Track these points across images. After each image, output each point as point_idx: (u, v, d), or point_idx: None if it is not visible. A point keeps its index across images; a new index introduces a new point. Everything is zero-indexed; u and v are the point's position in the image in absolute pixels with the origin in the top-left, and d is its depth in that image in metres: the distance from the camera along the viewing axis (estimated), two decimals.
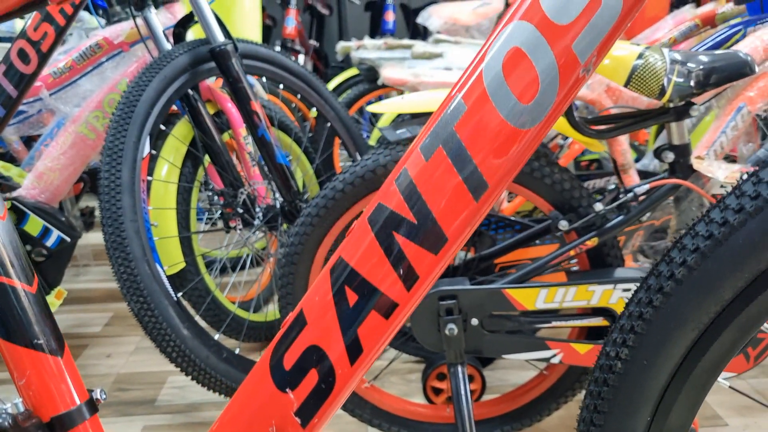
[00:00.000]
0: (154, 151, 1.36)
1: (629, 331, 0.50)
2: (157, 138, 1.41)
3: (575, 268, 1.13)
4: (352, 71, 2.81)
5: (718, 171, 1.01)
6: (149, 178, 1.35)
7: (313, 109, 1.78)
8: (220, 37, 1.38)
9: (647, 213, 1.05)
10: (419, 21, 2.64)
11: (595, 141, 1.11)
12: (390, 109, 1.10)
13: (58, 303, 1.44)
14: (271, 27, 4.18)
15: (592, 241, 1.04)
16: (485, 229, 1.27)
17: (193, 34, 1.50)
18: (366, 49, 2.53)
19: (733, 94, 1.39)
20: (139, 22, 1.43)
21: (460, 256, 1.20)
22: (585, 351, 1.05)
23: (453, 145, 0.40)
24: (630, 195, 1.04)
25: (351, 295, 0.42)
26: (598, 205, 1.04)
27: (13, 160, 1.82)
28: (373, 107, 1.11)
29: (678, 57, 0.96)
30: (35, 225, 1.43)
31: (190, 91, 1.41)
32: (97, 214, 1.69)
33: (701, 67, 0.96)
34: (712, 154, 1.38)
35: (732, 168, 1.03)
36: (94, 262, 2.32)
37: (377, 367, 1.49)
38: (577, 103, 1.59)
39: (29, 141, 1.91)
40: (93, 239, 2.14)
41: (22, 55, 1.24)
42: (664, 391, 0.50)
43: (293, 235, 1.11)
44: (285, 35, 3.60)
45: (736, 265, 0.45)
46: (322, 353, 0.43)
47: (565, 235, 1.08)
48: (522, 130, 0.39)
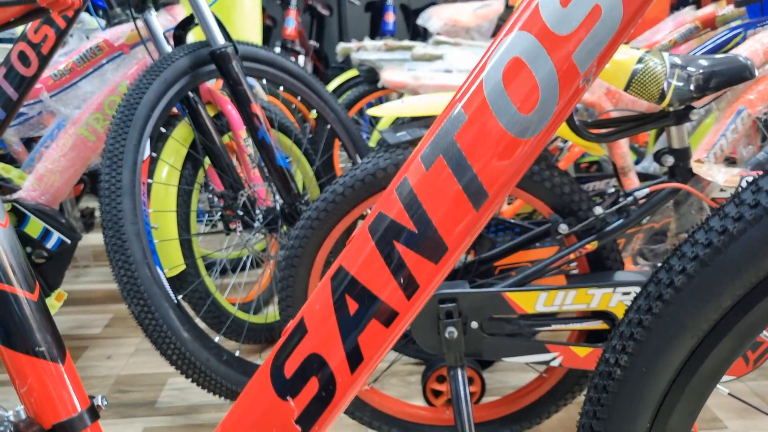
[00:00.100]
0: (154, 153, 1.36)
1: (629, 338, 0.50)
2: (157, 140, 1.42)
3: (575, 271, 1.13)
4: (352, 72, 2.81)
5: (717, 175, 1.01)
6: (149, 180, 1.35)
7: (313, 110, 1.78)
8: (221, 39, 1.38)
9: (647, 216, 1.06)
10: (419, 22, 2.63)
11: (595, 144, 1.11)
12: (390, 112, 1.10)
13: (59, 305, 1.45)
14: (271, 27, 4.18)
15: (592, 245, 1.05)
16: (485, 231, 1.27)
17: (193, 36, 1.50)
18: (366, 50, 2.53)
19: (733, 97, 1.39)
20: (140, 24, 1.43)
21: (460, 258, 1.20)
22: (584, 354, 1.05)
23: (453, 155, 0.40)
24: (630, 199, 1.04)
25: (351, 304, 0.42)
26: (598, 209, 1.04)
27: (13, 162, 1.82)
28: (373, 111, 1.11)
29: (678, 61, 0.96)
30: (36, 227, 1.43)
31: (190, 93, 1.41)
32: (97, 215, 1.69)
33: (701, 71, 0.96)
34: (712, 156, 1.38)
35: (731, 172, 1.04)
36: (95, 263, 2.32)
37: (377, 369, 1.49)
38: (577, 106, 1.59)
39: (29, 142, 1.90)
40: (93, 240, 2.14)
41: (23, 57, 1.24)
42: (663, 397, 0.50)
43: (293, 238, 1.11)
44: (285, 36, 3.60)
45: (736, 273, 0.45)
46: (322, 361, 0.43)
47: (564, 239, 1.09)
48: (522, 139, 0.39)
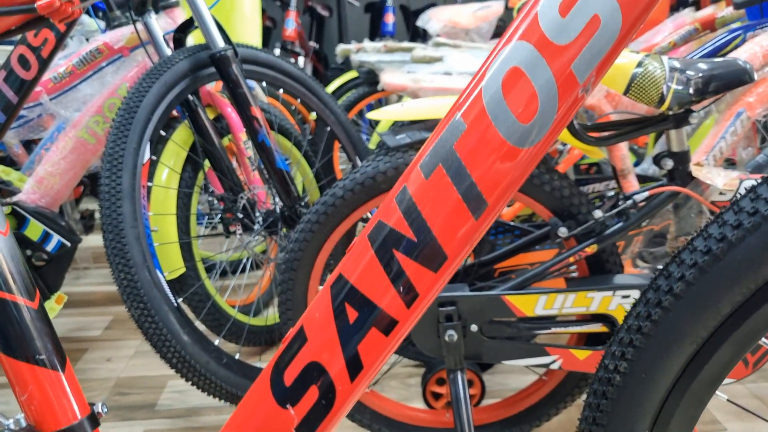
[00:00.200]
0: (154, 156, 1.36)
1: (628, 344, 0.50)
2: (157, 143, 1.42)
3: (574, 274, 1.14)
4: (352, 74, 2.81)
5: (717, 178, 1.01)
6: (149, 183, 1.35)
7: (313, 112, 1.78)
8: (220, 42, 1.38)
9: (646, 219, 1.06)
10: (419, 24, 2.63)
11: (595, 148, 1.11)
12: (389, 116, 1.10)
13: (59, 308, 1.45)
14: (270, 29, 4.18)
15: (592, 248, 1.05)
16: (485, 234, 1.27)
17: (193, 39, 1.50)
18: (366, 51, 2.53)
19: (733, 99, 1.39)
20: (139, 27, 1.44)
21: None
22: (584, 357, 1.05)
23: (452, 164, 0.40)
24: (629, 202, 1.04)
25: (351, 312, 0.42)
26: (598, 212, 1.04)
27: (13, 164, 1.82)
28: (373, 114, 1.11)
29: (677, 65, 0.96)
30: (35, 230, 1.43)
31: (190, 96, 1.41)
32: (97, 217, 1.69)
33: (700, 74, 0.96)
34: (711, 159, 1.38)
35: (730, 175, 1.04)
36: (94, 265, 2.32)
37: None
38: None
39: (29, 144, 1.90)
40: (93, 242, 2.13)
41: (23, 61, 1.24)
42: (662, 404, 0.50)
43: (293, 241, 1.11)
44: (285, 37, 3.60)
45: (735, 280, 0.45)
46: (322, 370, 0.43)
47: (564, 242, 1.09)
48: (521, 149, 0.39)
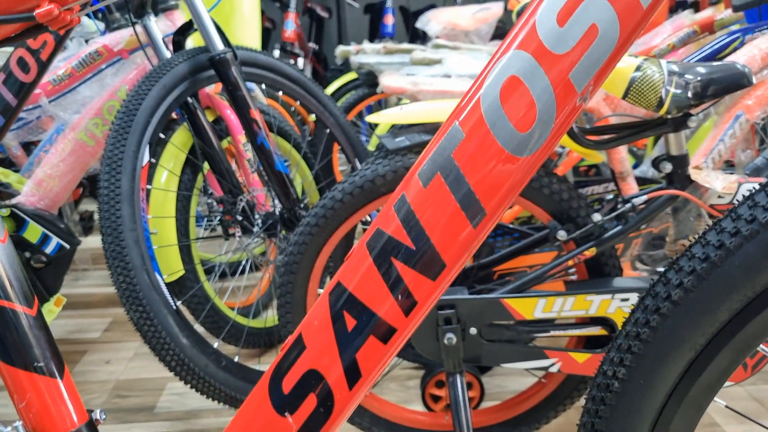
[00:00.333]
0: (153, 159, 1.36)
1: (626, 350, 0.51)
2: (156, 145, 1.42)
3: (573, 277, 1.14)
4: (351, 75, 2.81)
5: (715, 181, 1.02)
6: (148, 186, 1.35)
7: (313, 114, 1.78)
8: (220, 45, 1.38)
9: (645, 223, 1.06)
10: (418, 26, 2.63)
11: (593, 151, 1.11)
12: (389, 120, 1.10)
13: (58, 310, 1.44)
14: (270, 30, 4.18)
15: (591, 251, 1.05)
16: None
17: (192, 41, 1.50)
18: (365, 53, 2.53)
19: (732, 102, 1.39)
20: (139, 29, 1.44)
21: None
22: (583, 360, 1.05)
23: (451, 172, 0.40)
24: (628, 205, 1.04)
25: (349, 320, 0.42)
26: (597, 216, 1.04)
27: (12, 165, 1.82)
28: (372, 118, 1.11)
29: (675, 68, 0.96)
30: (34, 232, 1.43)
31: (189, 98, 1.41)
32: (96, 218, 1.69)
33: (699, 78, 0.96)
34: (710, 162, 1.38)
35: (729, 178, 1.04)
36: (93, 266, 2.32)
37: None
38: None
39: (28, 146, 1.90)
40: (92, 244, 2.13)
41: (22, 63, 1.24)
42: (661, 410, 0.50)
43: (292, 244, 1.11)
44: (284, 38, 3.60)
45: (733, 287, 0.45)
46: (320, 377, 0.43)
47: (563, 245, 1.09)
48: (519, 157, 0.40)
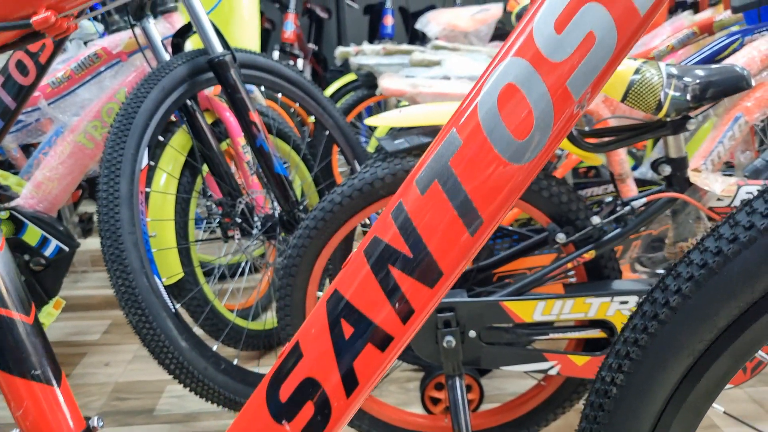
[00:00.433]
0: (152, 162, 1.36)
1: (625, 356, 0.50)
2: (155, 147, 1.41)
3: (572, 280, 1.14)
4: (351, 76, 2.81)
5: (714, 184, 1.02)
6: (147, 189, 1.35)
7: (312, 115, 1.78)
8: (219, 47, 1.38)
9: (644, 225, 1.06)
10: (418, 27, 2.63)
11: (592, 154, 1.11)
12: (387, 123, 1.10)
13: (57, 313, 1.44)
14: (269, 31, 4.18)
15: (590, 254, 1.05)
16: None
17: (191, 44, 1.50)
18: (365, 54, 2.53)
19: (731, 103, 1.39)
20: (138, 31, 1.44)
21: None
22: (582, 363, 1.05)
23: (448, 179, 0.40)
24: (627, 208, 1.04)
25: (347, 328, 0.42)
26: (596, 218, 1.04)
27: (11, 168, 1.82)
28: (371, 121, 1.11)
29: (674, 71, 0.96)
30: (33, 235, 1.43)
31: (188, 101, 1.41)
32: (95, 220, 1.69)
33: (697, 81, 0.96)
34: (710, 163, 1.38)
35: (728, 181, 1.04)
36: (93, 268, 2.32)
37: None
38: None
39: (28, 148, 1.90)
40: (91, 245, 2.13)
41: (21, 66, 1.24)
42: (659, 415, 0.50)
43: (291, 247, 1.11)
44: (284, 39, 3.60)
45: (731, 294, 0.45)
46: (317, 385, 0.43)
47: (562, 248, 1.09)
48: (516, 165, 0.39)
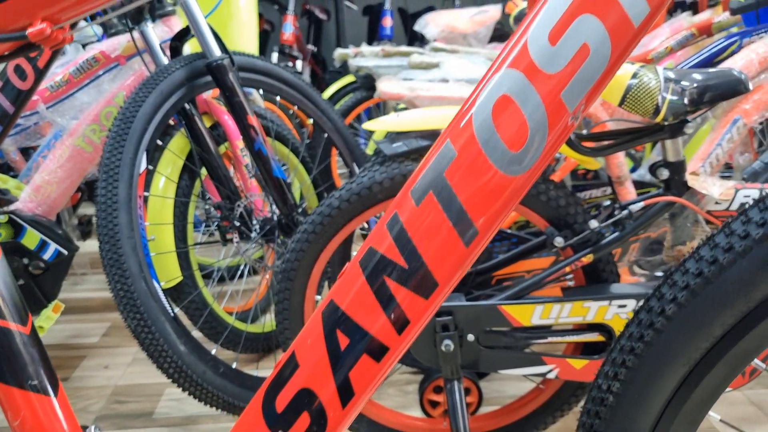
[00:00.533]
0: (150, 166, 1.36)
1: (621, 364, 0.51)
2: (154, 151, 1.42)
3: (571, 283, 1.14)
4: (350, 78, 2.81)
5: (712, 188, 1.02)
6: (146, 193, 1.35)
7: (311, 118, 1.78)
8: (217, 51, 1.38)
9: (642, 229, 1.06)
10: (416, 28, 2.63)
11: (590, 158, 1.11)
12: (385, 127, 1.11)
13: (56, 316, 1.44)
14: (268, 32, 4.18)
15: (588, 258, 1.05)
16: None
17: (190, 47, 1.50)
18: (363, 56, 2.53)
19: (729, 106, 1.39)
20: (136, 35, 1.44)
21: None
22: (581, 366, 1.05)
23: (443, 191, 0.40)
24: (625, 212, 1.04)
25: (342, 339, 0.42)
26: (594, 222, 1.04)
27: (11, 170, 1.83)
28: (369, 125, 1.12)
29: (672, 75, 0.96)
30: (32, 238, 1.43)
31: (186, 104, 1.41)
32: (95, 221, 1.69)
33: (695, 85, 0.96)
34: (708, 166, 1.38)
35: (726, 184, 1.04)
36: (92, 270, 2.32)
37: None
38: None
39: (27, 151, 1.91)
40: (90, 248, 2.13)
41: (19, 71, 1.24)
42: (656, 424, 0.50)
43: (290, 251, 1.11)
44: (283, 41, 3.59)
45: (726, 303, 0.45)
46: (313, 396, 0.43)
47: (560, 251, 1.09)
48: (511, 176, 0.39)
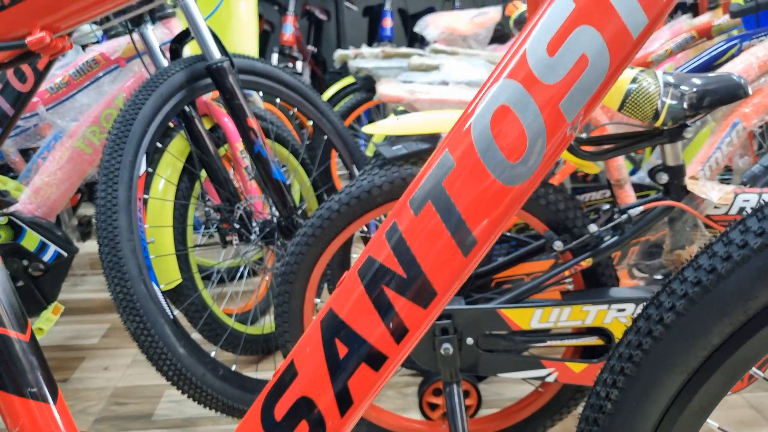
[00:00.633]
0: (150, 168, 1.36)
1: (619, 372, 0.51)
2: (154, 153, 1.42)
3: (570, 287, 1.14)
4: (350, 80, 2.81)
5: (711, 192, 1.02)
6: (146, 195, 1.35)
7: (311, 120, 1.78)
8: (217, 53, 1.38)
9: (641, 233, 1.06)
10: (417, 30, 2.63)
11: (589, 162, 1.11)
12: (384, 130, 1.11)
13: (56, 318, 1.44)
14: (269, 33, 4.18)
15: (587, 262, 1.05)
16: None
17: (189, 49, 1.51)
18: (363, 57, 2.53)
19: (729, 110, 1.39)
20: (136, 37, 1.44)
21: None
22: (580, 370, 1.05)
23: (442, 201, 0.40)
24: (624, 216, 1.04)
25: (341, 348, 0.42)
26: (593, 226, 1.04)
27: (10, 172, 1.82)
28: (368, 129, 1.12)
29: (671, 80, 0.96)
30: (32, 240, 1.43)
31: (186, 107, 1.41)
32: (94, 222, 1.69)
33: (694, 89, 0.96)
34: (708, 170, 1.38)
35: (725, 189, 1.04)
36: (91, 271, 2.32)
37: None
38: None
39: (27, 152, 1.90)
40: (90, 249, 2.13)
41: (19, 73, 1.24)
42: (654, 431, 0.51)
43: (289, 254, 1.11)
44: (283, 41, 3.60)
45: (724, 311, 0.45)
46: (312, 404, 0.43)
47: (560, 255, 1.09)
48: (510, 186, 0.40)
